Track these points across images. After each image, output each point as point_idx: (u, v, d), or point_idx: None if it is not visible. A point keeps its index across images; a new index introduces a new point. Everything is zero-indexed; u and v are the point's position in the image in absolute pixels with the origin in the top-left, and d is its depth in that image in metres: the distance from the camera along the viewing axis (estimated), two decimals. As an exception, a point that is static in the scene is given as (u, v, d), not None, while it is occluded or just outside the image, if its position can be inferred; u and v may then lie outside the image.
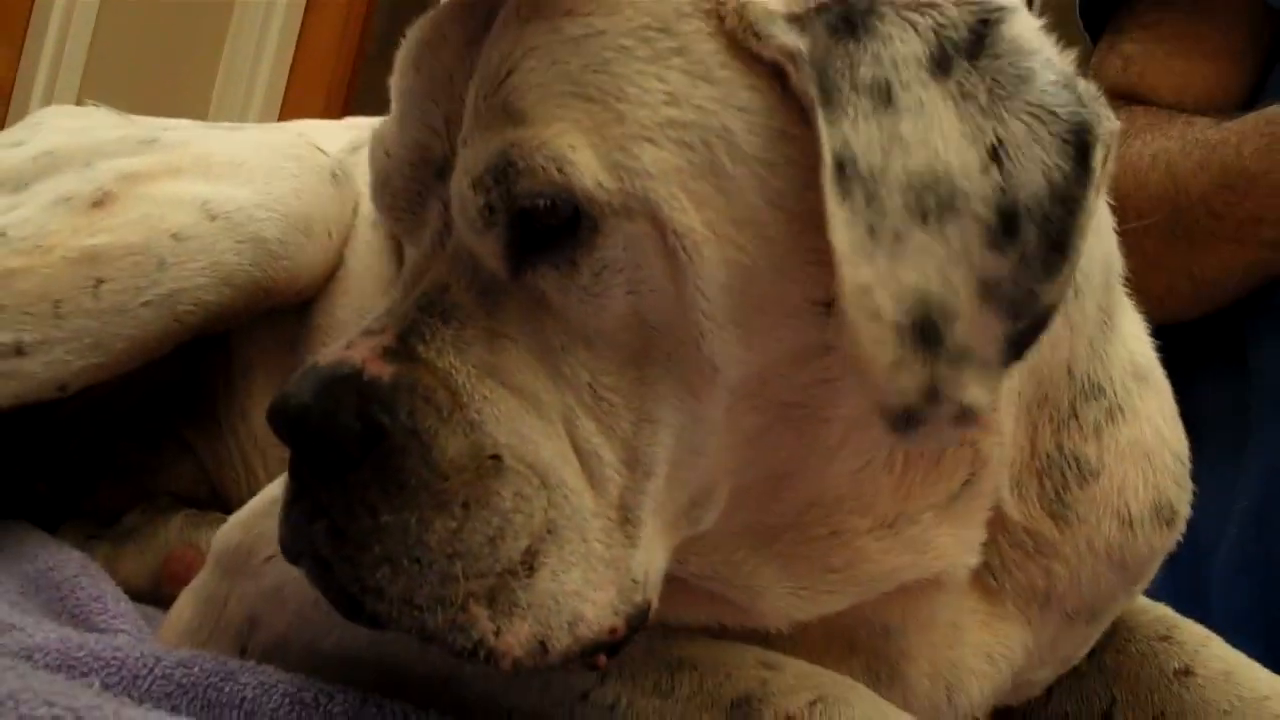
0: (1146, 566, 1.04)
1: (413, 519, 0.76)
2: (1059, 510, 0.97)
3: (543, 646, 0.78)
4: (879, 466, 0.88)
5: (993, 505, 0.95)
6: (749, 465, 0.84)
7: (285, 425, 0.79)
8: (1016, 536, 0.97)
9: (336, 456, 0.77)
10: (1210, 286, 1.61)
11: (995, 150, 0.76)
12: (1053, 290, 0.76)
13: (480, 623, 0.77)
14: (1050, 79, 0.77)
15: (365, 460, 0.77)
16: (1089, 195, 0.76)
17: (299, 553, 0.81)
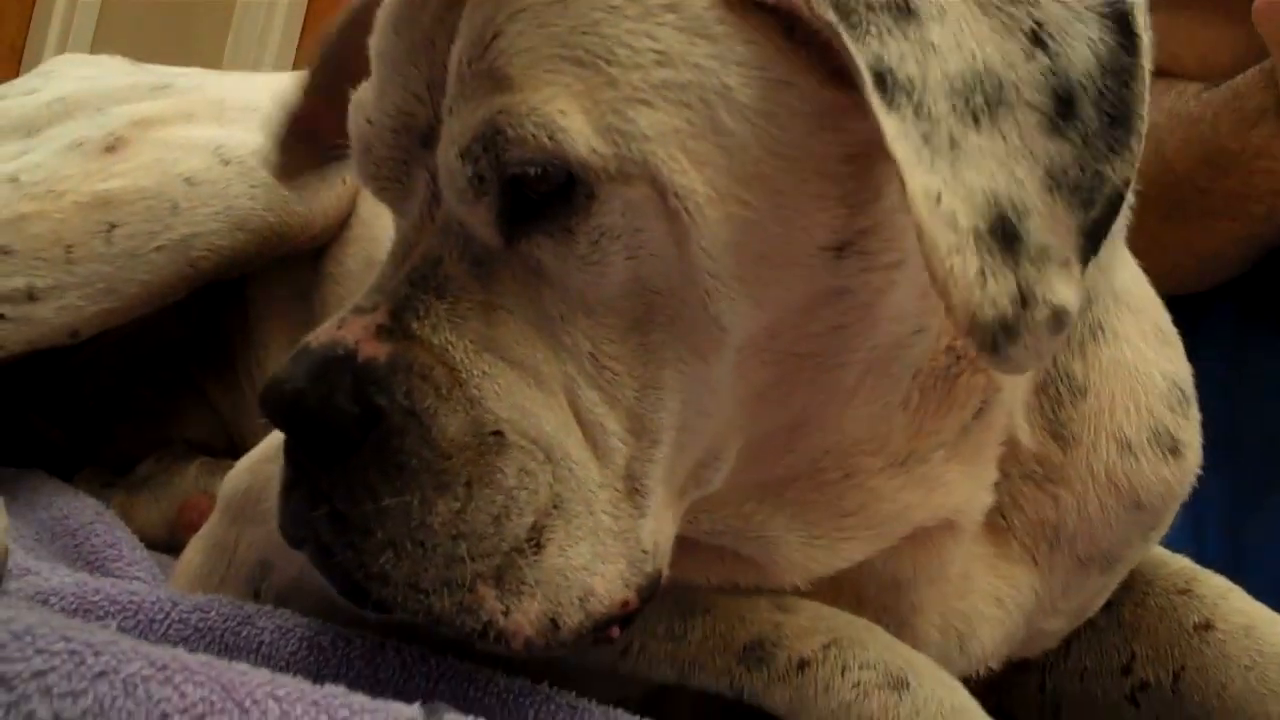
0: (1161, 505, 1.01)
1: (415, 501, 0.75)
2: (1058, 430, 0.96)
3: (554, 624, 0.77)
4: (895, 405, 0.87)
5: (1004, 439, 0.94)
6: (760, 420, 0.83)
7: (280, 411, 0.77)
8: (1028, 466, 0.96)
9: (334, 441, 0.76)
10: (1212, 260, 1.59)
11: (1036, 34, 0.74)
12: (1121, 167, 0.73)
13: (488, 603, 0.76)
14: None
15: (364, 443, 0.75)
16: (1141, 62, 0.74)
17: (300, 538, 0.79)
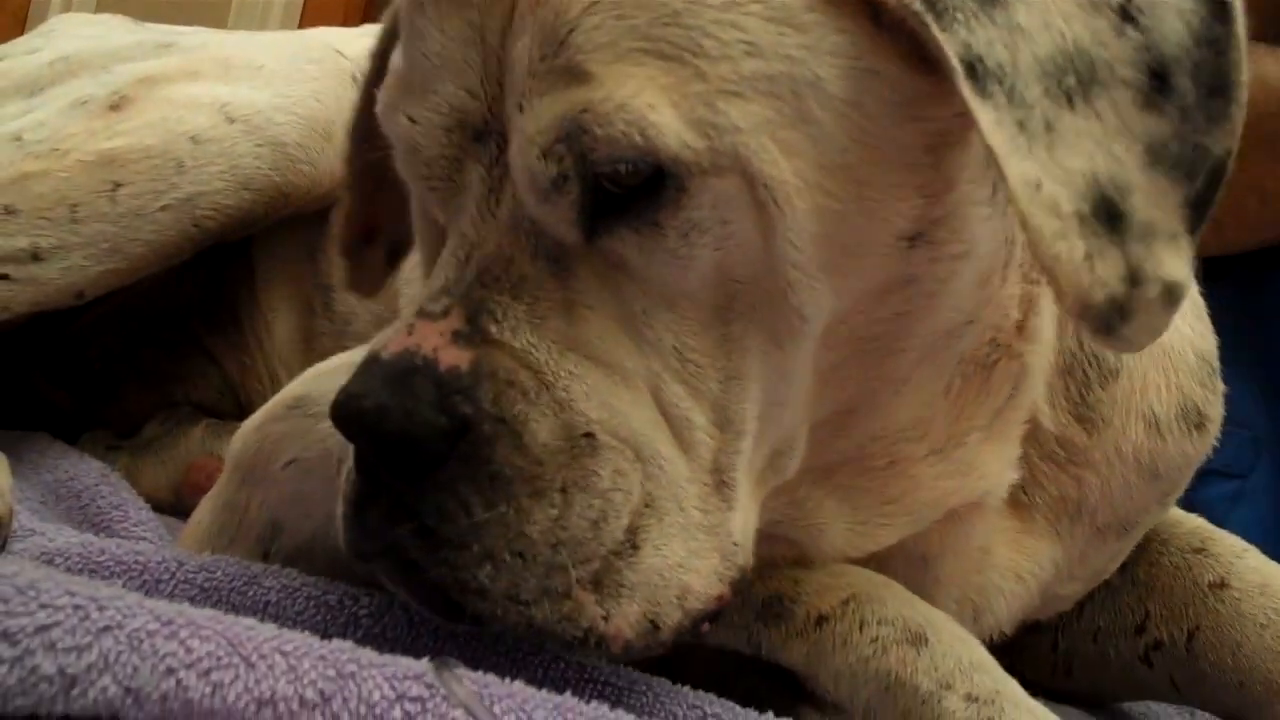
0: (1179, 475, 1.03)
1: (510, 511, 0.73)
2: (1084, 413, 0.96)
3: (653, 625, 0.76)
4: (939, 392, 0.88)
5: (1028, 418, 0.94)
6: (819, 405, 0.82)
7: (360, 427, 0.74)
8: (1048, 448, 0.96)
9: (421, 455, 0.73)
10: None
11: (1124, 9, 0.73)
12: (1222, 138, 0.73)
13: (589, 609, 0.74)
14: None
15: (452, 455, 0.73)
16: (1235, 30, 0.74)
17: (372, 554, 0.77)
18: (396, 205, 1.00)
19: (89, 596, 0.65)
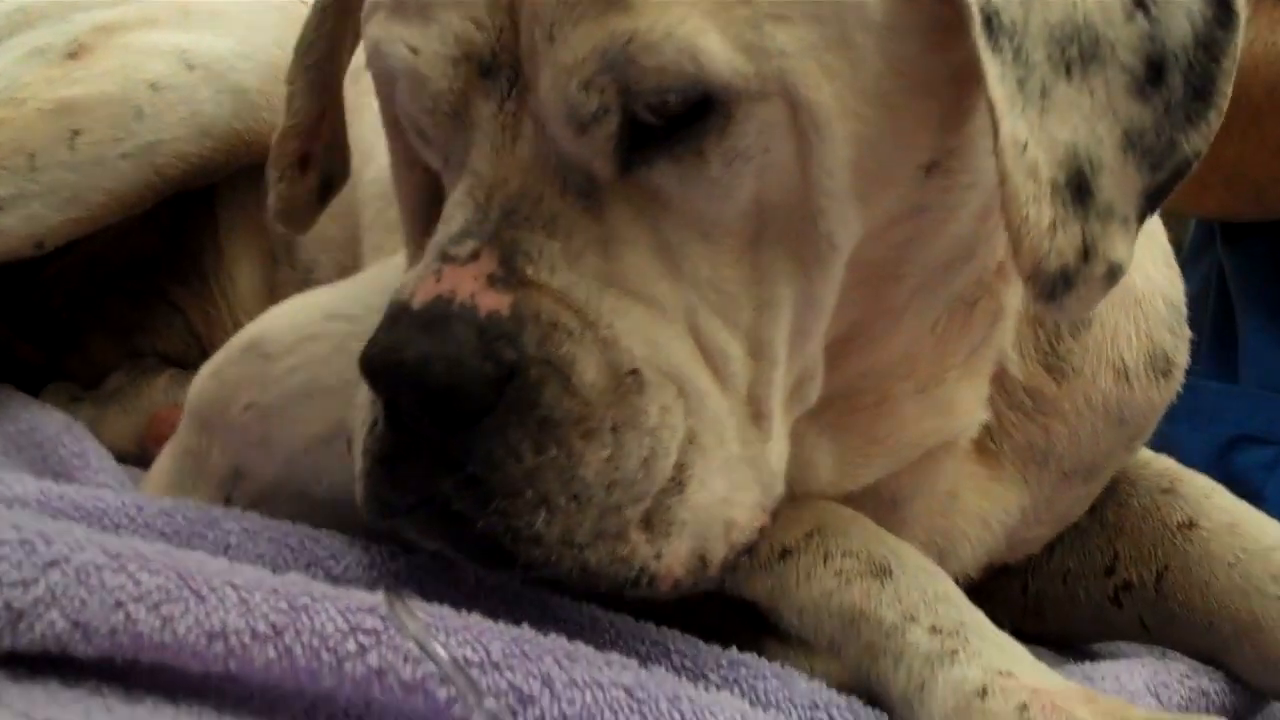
0: (1145, 421, 1.03)
1: (562, 455, 0.72)
2: (1054, 363, 0.97)
3: (702, 561, 0.75)
4: (927, 328, 0.88)
5: (998, 359, 0.94)
6: (829, 329, 0.82)
7: (400, 380, 0.72)
8: (1016, 397, 0.97)
9: (469, 405, 0.71)
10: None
11: None
12: (1195, 139, 0.76)
13: (640, 550, 0.73)
14: None
15: (499, 402, 0.72)
16: (1233, 39, 0.76)
17: (405, 509, 0.75)
18: (336, 136, 0.98)
19: (35, 530, 0.64)
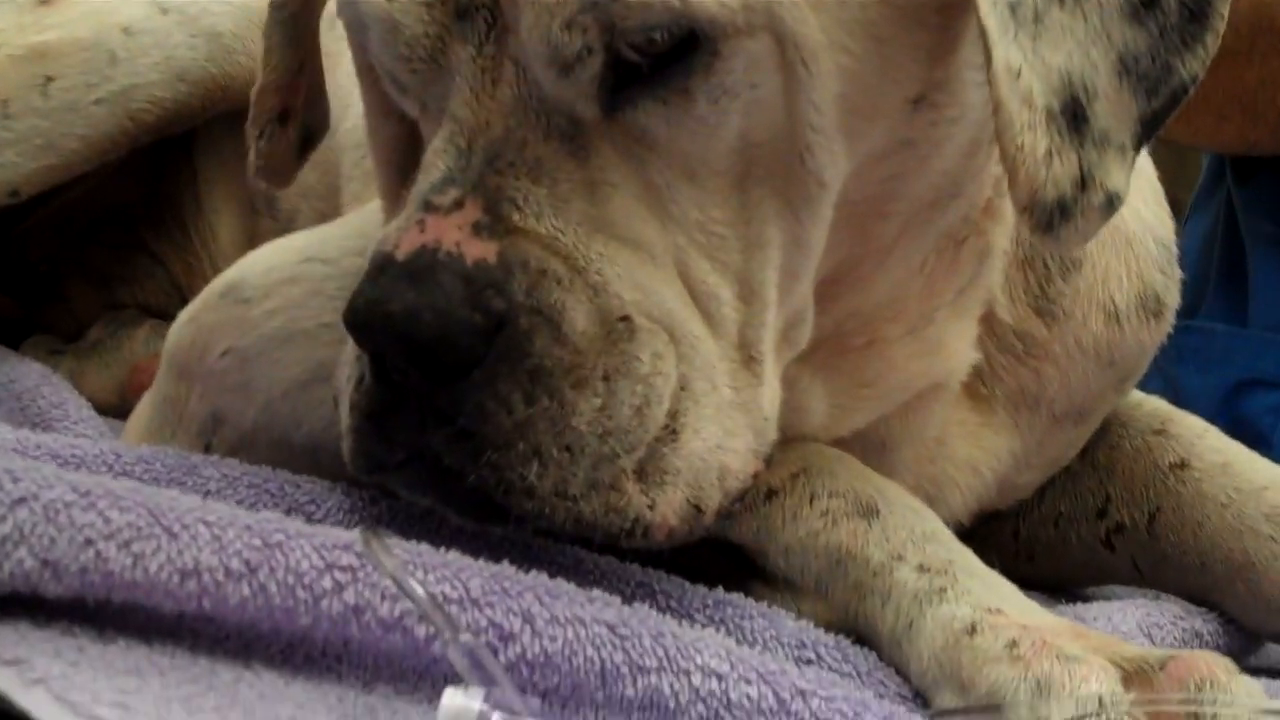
0: (1135, 363, 1.03)
1: (554, 404, 0.70)
2: (1044, 306, 0.96)
3: (697, 510, 0.74)
4: (915, 268, 0.87)
5: (986, 300, 0.93)
6: (817, 270, 0.81)
7: (386, 333, 0.71)
8: (1006, 340, 0.96)
9: (458, 357, 0.70)
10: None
11: None
12: (1192, 63, 0.75)
13: (635, 499, 0.72)
14: None
15: (489, 353, 0.70)
16: None
17: (395, 464, 0.74)
18: (316, 88, 0.96)
19: (3, 468, 0.62)
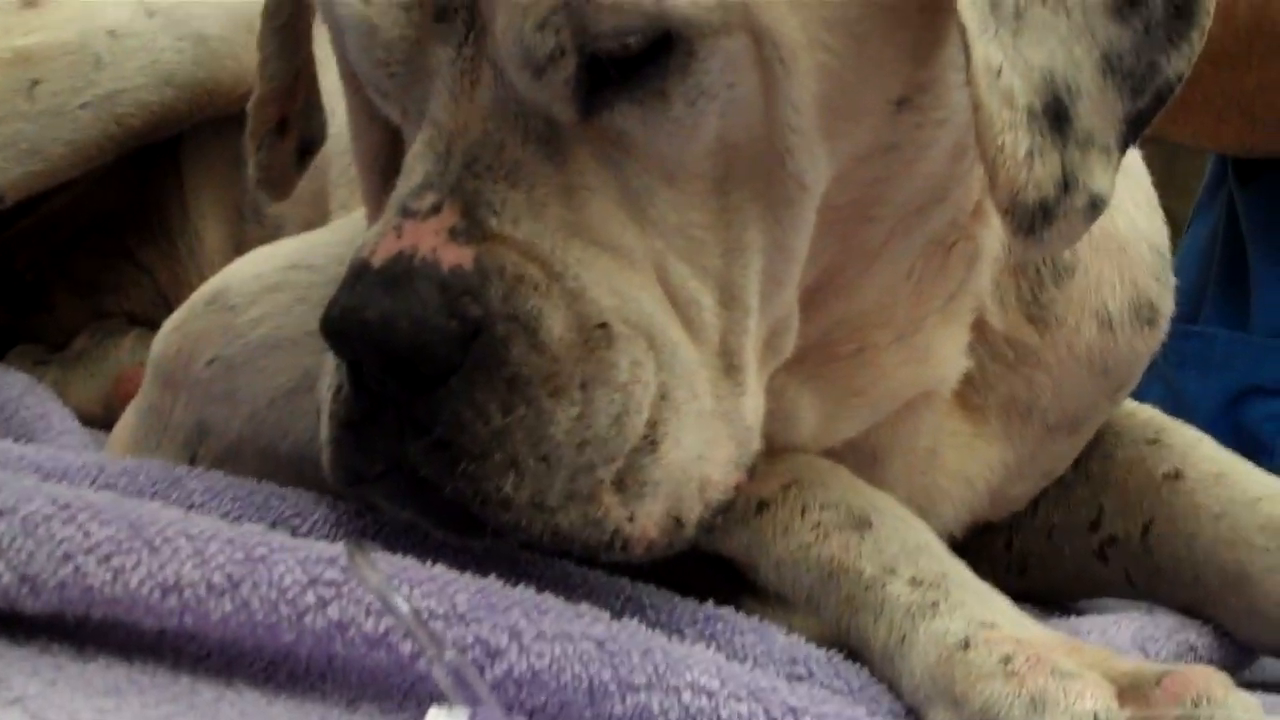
0: (1129, 371, 1.02)
1: (530, 413, 0.69)
2: (1036, 313, 0.95)
3: (677, 521, 0.73)
4: (903, 273, 0.86)
5: (976, 307, 0.93)
6: (802, 277, 0.80)
7: (362, 341, 0.70)
8: (997, 348, 0.95)
9: (434, 365, 0.69)
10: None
11: None
12: (1178, 61, 0.74)
13: (614, 511, 0.71)
14: None
15: (465, 361, 0.69)
16: None
17: (374, 476, 0.73)
18: (311, 97, 0.96)
19: (-19, 481, 0.62)
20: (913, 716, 0.74)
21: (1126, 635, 0.89)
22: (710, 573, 0.84)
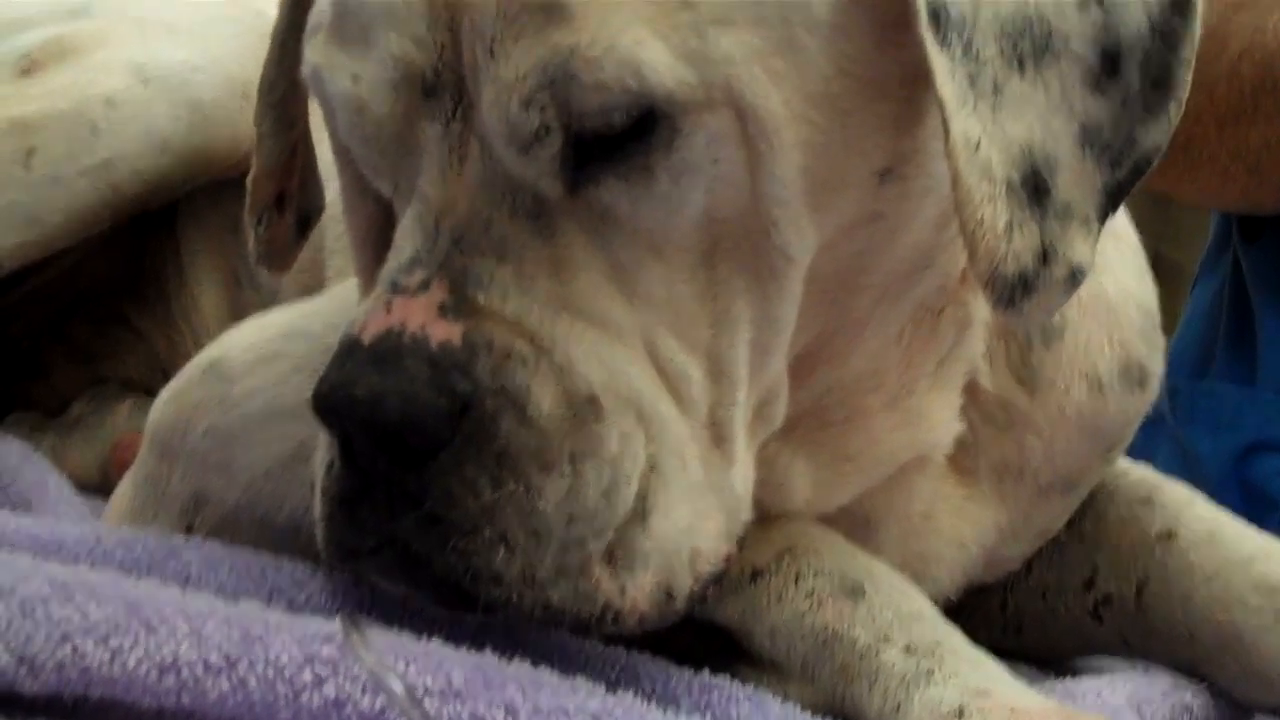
0: (1121, 433, 1.02)
1: (520, 488, 0.70)
2: (1026, 375, 0.95)
3: (668, 594, 0.74)
4: (892, 339, 0.86)
5: (968, 371, 0.93)
6: (791, 346, 0.81)
7: (352, 417, 0.70)
8: (988, 410, 0.95)
9: (424, 441, 0.70)
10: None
11: None
12: (1155, 132, 0.75)
13: (604, 585, 0.72)
14: None
15: (455, 437, 0.70)
16: (1191, 28, 0.75)
17: (366, 551, 0.73)
18: (309, 170, 0.96)
19: (-21, 561, 0.62)
20: (908, 786, 0.75)
21: (1122, 696, 0.89)
22: (705, 641, 0.84)
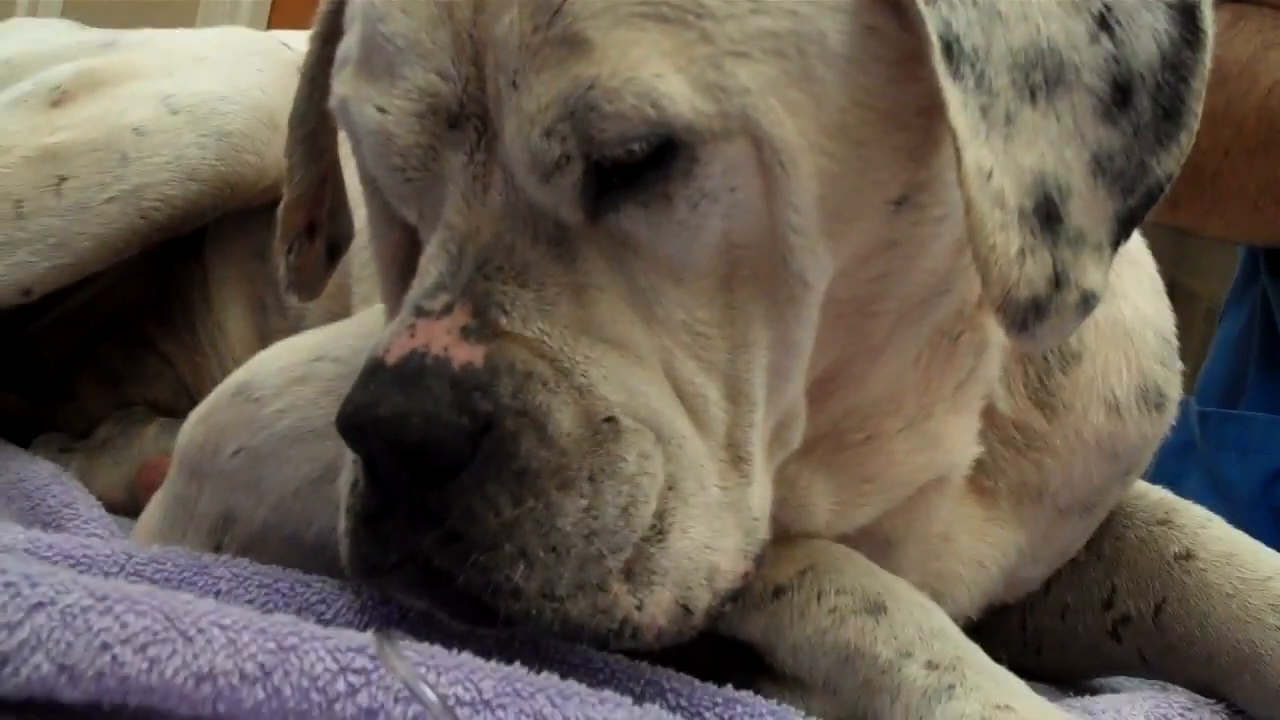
0: (1139, 455, 1.03)
1: (540, 505, 0.72)
2: (1044, 399, 0.96)
3: (686, 610, 0.75)
4: (910, 362, 0.87)
5: (986, 394, 0.94)
6: (809, 370, 0.82)
7: (377, 437, 0.72)
8: (1006, 433, 0.96)
9: (446, 459, 0.71)
10: None
11: (1104, 18, 0.75)
12: (1166, 161, 0.76)
13: (622, 600, 0.73)
14: None
15: (476, 455, 0.72)
16: (1201, 59, 0.76)
17: (389, 566, 0.75)
18: (338, 199, 0.99)
19: (20, 573, 0.63)
20: (930, 798, 0.75)
21: (1140, 714, 0.90)
22: (729, 656, 0.85)
